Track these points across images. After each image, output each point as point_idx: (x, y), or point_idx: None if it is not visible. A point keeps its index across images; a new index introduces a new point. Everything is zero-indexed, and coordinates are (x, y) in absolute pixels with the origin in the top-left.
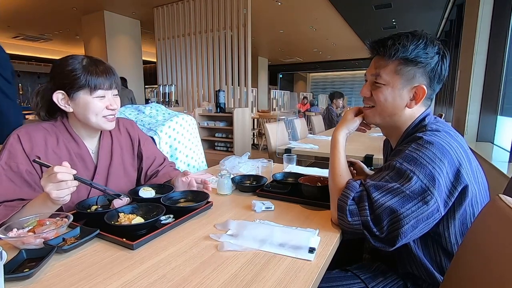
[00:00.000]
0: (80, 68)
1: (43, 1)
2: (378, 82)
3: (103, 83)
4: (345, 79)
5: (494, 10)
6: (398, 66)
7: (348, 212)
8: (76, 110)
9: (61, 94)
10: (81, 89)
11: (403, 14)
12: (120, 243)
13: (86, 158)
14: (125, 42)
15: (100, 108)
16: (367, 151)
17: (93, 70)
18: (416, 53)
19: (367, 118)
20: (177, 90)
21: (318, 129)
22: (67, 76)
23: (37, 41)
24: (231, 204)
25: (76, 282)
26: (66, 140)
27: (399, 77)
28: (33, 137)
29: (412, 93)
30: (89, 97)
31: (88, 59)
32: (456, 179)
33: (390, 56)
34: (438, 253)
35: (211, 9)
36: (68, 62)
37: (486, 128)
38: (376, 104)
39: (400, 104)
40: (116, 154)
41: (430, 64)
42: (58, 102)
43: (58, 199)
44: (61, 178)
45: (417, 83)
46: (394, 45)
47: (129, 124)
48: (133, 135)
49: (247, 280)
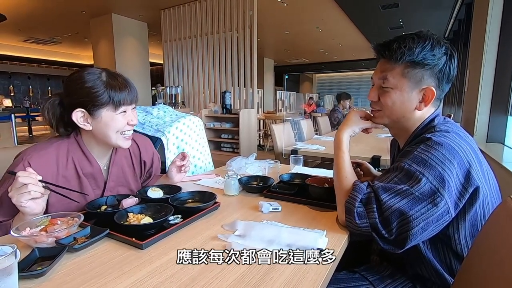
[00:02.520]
0: (101, 84)
1: (53, 5)
2: (385, 86)
3: (127, 98)
4: (352, 79)
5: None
6: (405, 69)
7: (356, 215)
8: (96, 127)
9: (81, 112)
10: (105, 106)
11: (411, 14)
12: (129, 242)
13: (97, 176)
14: (132, 44)
15: (122, 124)
16: (374, 152)
17: (115, 85)
18: (423, 56)
19: (375, 119)
20: (184, 91)
21: (324, 130)
22: (88, 93)
23: (47, 44)
24: (238, 205)
25: (88, 280)
26: (78, 159)
27: (406, 80)
28: (45, 165)
29: (421, 95)
30: (113, 114)
31: (107, 73)
32: (467, 181)
33: (396, 59)
34: (448, 255)
35: (217, 11)
36: (86, 78)
37: (497, 128)
38: (384, 108)
39: (409, 107)
40: (128, 170)
41: (438, 65)
42: (77, 120)
43: (18, 204)
44: (21, 181)
45: (426, 85)
46: (399, 48)
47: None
48: (145, 157)
49: (255, 280)
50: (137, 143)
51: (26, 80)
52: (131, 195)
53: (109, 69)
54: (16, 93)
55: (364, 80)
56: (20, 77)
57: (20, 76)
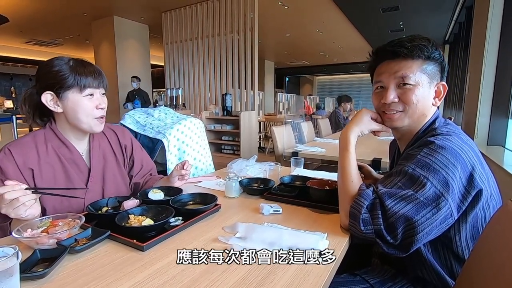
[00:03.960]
0: (67, 68)
1: (55, 7)
2: (407, 83)
3: (92, 82)
4: (352, 82)
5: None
6: (423, 65)
7: (361, 221)
8: (66, 110)
9: (50, 95)
10: (70, 89)
11: (411, 17)
12: (130, 244)
13: (79, 162)
14: (133, 46)
15: (90, 108)
16: (374, 154)
17: (82, 70)
18: (433, 52)
19: (394, 122)
20: (184, 93)
21: (325, 132)
22: (54, 76)
23: (48, 46)
24: (239, 207)
25: (89, 282)
26: (56, 146)
27: (425, 76)
28: (25, 150)
29: (434, 90)
30: (79, 96)
31: (75, 60)
32: (470, 184)
33: (413, 56)
34: (449, 257)
35: (218, 14)
36: (54, 63)
37: (497, 131)
38: (409, 106)
39: (428, 103)
40: (110, 156)
41: (444, 62)
42: (47, 103)
43: (19, 216)
44: (9, 197)
45: (439, 79)
46: (416, 45)
47: (120, 130)
48: (124, 142)
49: (256, 282)
50: (114, 130)
51: (28, 82)
52: (132, 197)
53: (79, 58)
54: (17, 95)
55: (364, 82)
56: (22, 78)
57: (22, 78)
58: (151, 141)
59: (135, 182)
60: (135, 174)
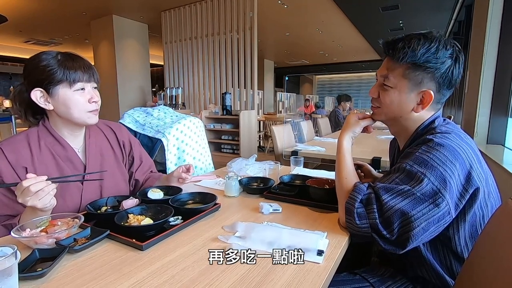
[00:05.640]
0: (55, 62)
1: (54, 6)
2: (385, 84)
3: (82, 76)
4: (352, 81)
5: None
6: (406, 70)
7: (356, 215)
8: (57, 106)
9: (40, 92)
10: (60, 84)
11: (411, 16)
12: (129, 243)
13: (74, 159)
14: (133, 45)
15: (81, 102)
16: (374, 153)
17: (70, 64)
18: (426, 58)
19: (374, 115)
20: (184, 92)
21: (324, 131)
22: (42, 71)
23: (47, 45)
24: (239, 206)
25: (88, 282)
26: (50, 144)
27: (406, 81)
28: (17, 148)
29: (419, 98)
30: (69, 91)
31: (63, 54)
32: (468, 182)
33: (398, 59)
34: (448, 256)
35: (217, 13)
36: (42, 57)
37: (497, 130)
38: (382, 105)
39: (406, 108)
40: (107, 152)
41: (440, 69)
42: (37, 100)
43: (45, 206)
44: (35, 189)
45: (425, 88)
46: (403, 48)
47: (117, 127)
48: (122, 138)
49: (256, 282)
50: (110, 127)
51: None
52: (131, 196)
53: (68, 52)
54: None
55: (364, 81)
56: (21, 78)
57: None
58: (150, 140)
59: (136, 179)
60: (135, 170)
